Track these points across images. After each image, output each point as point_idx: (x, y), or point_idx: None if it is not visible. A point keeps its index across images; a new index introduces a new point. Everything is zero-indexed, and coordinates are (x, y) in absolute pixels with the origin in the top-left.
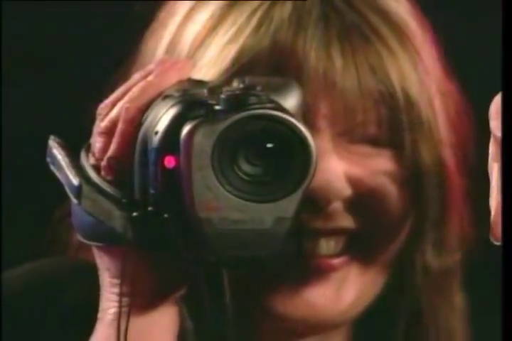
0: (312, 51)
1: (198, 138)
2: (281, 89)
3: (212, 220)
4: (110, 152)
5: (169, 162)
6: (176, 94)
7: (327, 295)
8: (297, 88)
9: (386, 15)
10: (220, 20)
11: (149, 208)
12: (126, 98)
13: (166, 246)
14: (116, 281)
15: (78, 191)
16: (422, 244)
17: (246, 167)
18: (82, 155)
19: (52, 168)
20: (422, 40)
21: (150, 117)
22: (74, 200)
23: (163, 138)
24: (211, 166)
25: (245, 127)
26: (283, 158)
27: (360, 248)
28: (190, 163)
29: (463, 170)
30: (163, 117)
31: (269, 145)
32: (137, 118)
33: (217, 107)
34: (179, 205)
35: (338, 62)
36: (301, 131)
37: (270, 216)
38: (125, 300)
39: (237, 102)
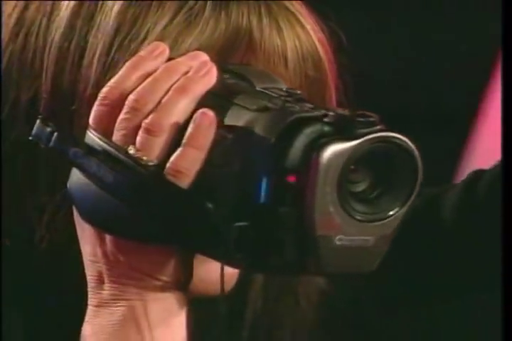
0: (267, 32)
1: (328, 156)
2: (272, 78)
3: (330, 237)
4: (190, 161)
5: (291, 176)
6: (273, 106)
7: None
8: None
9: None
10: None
11: (246, 220)
12: (173, 95)
13: (261, 255)
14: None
15: (149, 189)
16: None
17: (363, 187)
18: (107, 144)
19: (79, 160)
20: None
21: (247, 127)
22: (136, 198)
23: (285, 153)
24: (336, 185)
25: (369, 148)
26: (395, 178)
27: None
28: (316, 180)
29: None
30: (275, 130)
31: (386, 166)
32: (214, 125)
33: (328, 127)
34: (294, 219)
35: (289, 43)
36: (413, 152)
37: (375, 234)
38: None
39: (350, 122)
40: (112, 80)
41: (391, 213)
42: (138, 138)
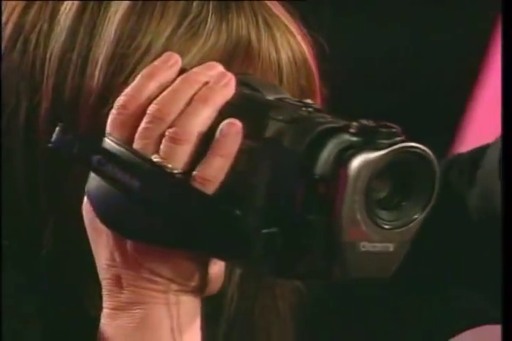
0: (264, 42)
1: (356, 166)
2: (277, 89)
3: (355, 243)
4: (217, 170)
5: (320, 185)
6: (299, 117)
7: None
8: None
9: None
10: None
11: (275, 227)
12: (196, 105)
13: (288, 261)
14: (161, 280)
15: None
16: None
17: (384, 194)
18: (132, 153)
19: (103, 167)
20: None
21: (274, 137)
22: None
23: (315, 162)
24: (364, 193)
25: (393, 158)
26: (413, 185)
27: None
28: (346, 189)
29: None
30: (304, 140)
31: (405, 173)
32: (240, 134)
33: (355, 138)
34: (322, 226)
35: (283, 54)
36: (432, 160)
37: (396, 240)
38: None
39: (374, 133)
40: (129, 89)
41: (414, 217)
42: (162, 147)
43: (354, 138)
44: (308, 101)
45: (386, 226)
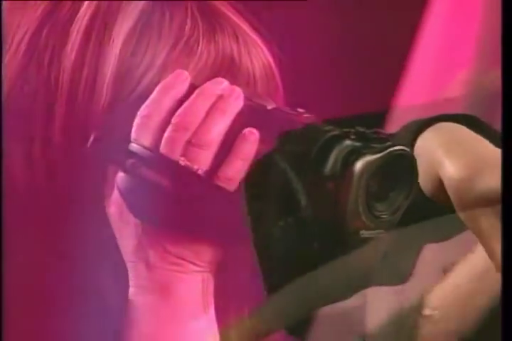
0: (244, 57)
1: (360, 167)
2: (266, 99)
3: (356, 232)
4: (237, 171)
5: (329, 183)
6: (304, 125)
7: None
8: None
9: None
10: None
11: (289, 219)
12: (215, 115)
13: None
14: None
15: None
16: None
17: (375, 188)
18: (162, 157)
19: (137, 170)
20: None
21: (284, 143)
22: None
23: (324, 164)
24: (365, 189)
25: (386, 159)
26: (397, 177)
27: None
28: (351, 186)
29: None
30: (313, 146)
31: (390, 168)
32: (257, 141)
33: (356, 143)
34: (329, 218)
35: (257, 67)
36: (414, 159)
37: (386, 227)
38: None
39: (370, 139)
40: (149, 101)
41: (400, 205)
42: (187, 152)
43: (356, 144)
44: (301, 110)
45: (382, 216)
